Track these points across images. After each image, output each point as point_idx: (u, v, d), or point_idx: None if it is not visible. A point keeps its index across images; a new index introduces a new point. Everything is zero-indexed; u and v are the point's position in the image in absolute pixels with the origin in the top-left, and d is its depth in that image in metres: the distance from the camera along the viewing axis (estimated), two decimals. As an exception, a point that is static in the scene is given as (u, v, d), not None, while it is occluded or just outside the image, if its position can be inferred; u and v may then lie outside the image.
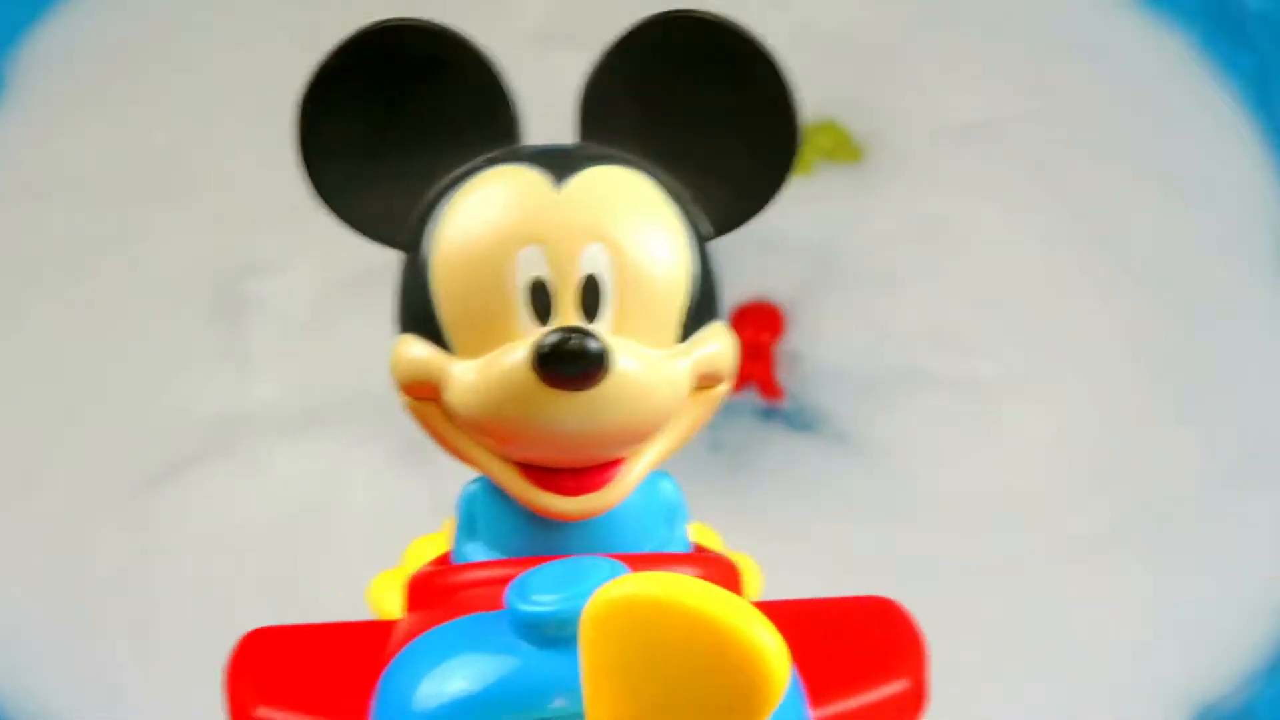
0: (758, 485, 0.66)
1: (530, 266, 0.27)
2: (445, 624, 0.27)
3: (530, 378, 0.26)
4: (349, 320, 0.66)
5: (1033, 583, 0.65)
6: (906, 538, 0.65)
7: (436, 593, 0.28)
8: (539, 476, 0.28)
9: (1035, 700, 0.64)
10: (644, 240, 0.28)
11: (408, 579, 0.29)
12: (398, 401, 0.29)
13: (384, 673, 0.27)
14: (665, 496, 0.29)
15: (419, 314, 0.28)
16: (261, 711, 0.29)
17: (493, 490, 0.29)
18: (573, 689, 0.24)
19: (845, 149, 0.66)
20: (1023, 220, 0.67)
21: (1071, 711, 0.64)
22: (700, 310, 0.28)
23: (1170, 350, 0.66)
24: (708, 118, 0.29)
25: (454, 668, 0.25)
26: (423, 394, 0.28)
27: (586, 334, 0.26)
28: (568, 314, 0.27)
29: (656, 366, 0.27)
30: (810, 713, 0.27)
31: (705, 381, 0.28)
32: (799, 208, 0.66)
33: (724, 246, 0.29)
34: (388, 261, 0.29)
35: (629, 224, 0.28)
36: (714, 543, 0.36)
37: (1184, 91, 0.68)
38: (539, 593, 0.25)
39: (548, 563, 0.26)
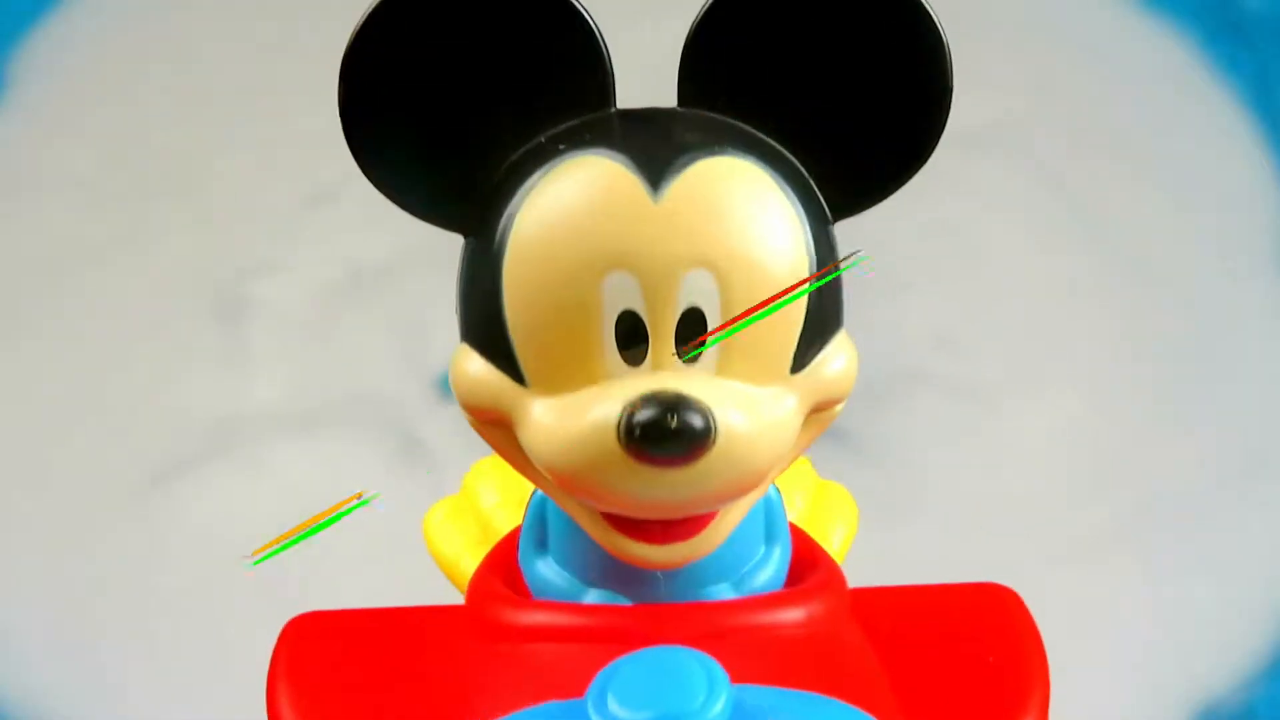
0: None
1: (620, 296, 0.23)
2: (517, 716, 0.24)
3: (618, 450, 0.22)
4: (349, 320, 0.66)
5: (1033, 583, 0.65)
6: (906, 537, 0.65)
7: (502, 630, 0.25)
8: (624, 525, 0.24)
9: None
10: (757, 261, 0.23)
11: (473, 576, 0.27)
12: (397, 401, 0.28)
13: None
14: (764, 511, 0.26)
15: (486, 328, 0.24)
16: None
17: None
18: None
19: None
20: (1023, 220, 0.67)
21: (1072, 712, 0.64)
22: (818, 328, 0.24)
23: (1170, 350, 0.66)
24: (834, 76, 0.24)
25: None
26: (489, 419, 0.24)
27: (687, 406, 0.22)
28: (662, 354, 0.23)
29: (764, 415, 0.23)
30: None
31: (820, 407, 0.25)
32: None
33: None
34: (387, 262, 0.29)
35: (739, 241, 0.23)
36: (806, 473, 0.35)
37: (1184, 91, 0.68)
38: (625, 704, 0.22)
39: (629, 656, 0.23)
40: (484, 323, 0.24)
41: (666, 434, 0.22)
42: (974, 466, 0.66)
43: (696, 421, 0.22)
